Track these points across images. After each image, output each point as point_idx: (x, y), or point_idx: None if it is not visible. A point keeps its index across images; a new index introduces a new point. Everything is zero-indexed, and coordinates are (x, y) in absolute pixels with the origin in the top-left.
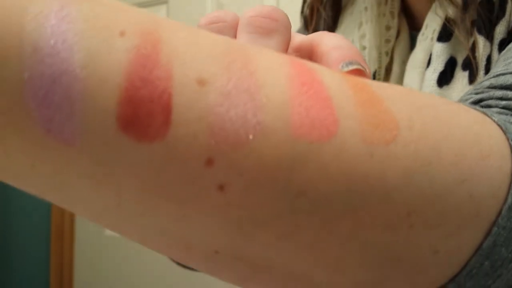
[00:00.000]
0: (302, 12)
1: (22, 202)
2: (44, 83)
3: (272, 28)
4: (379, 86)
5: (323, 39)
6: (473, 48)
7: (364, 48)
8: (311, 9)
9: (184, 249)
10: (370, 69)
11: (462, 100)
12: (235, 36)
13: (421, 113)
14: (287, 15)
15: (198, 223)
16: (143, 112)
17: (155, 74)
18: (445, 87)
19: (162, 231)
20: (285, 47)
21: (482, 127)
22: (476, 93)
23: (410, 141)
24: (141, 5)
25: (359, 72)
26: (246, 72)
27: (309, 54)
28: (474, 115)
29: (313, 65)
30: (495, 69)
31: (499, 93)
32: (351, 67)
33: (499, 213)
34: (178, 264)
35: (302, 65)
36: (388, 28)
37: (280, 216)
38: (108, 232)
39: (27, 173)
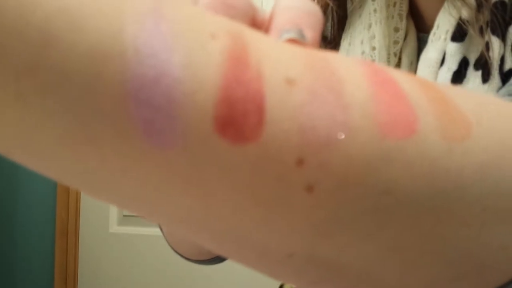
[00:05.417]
0: None
1: (27, 198)
2: (146, 85)
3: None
4: (442, 85)
5: (279, 1)
6: (487, 48)
7: (374, 48)
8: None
9: (257, 253)
10: (318, 34)
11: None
12: None
13: (486, 109)
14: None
15: (280, 226)
16: (239, 113)
17: (247, 75)
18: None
19: (240, 236)
20: None
21: None
22: (509, 94)
23: (482, 136)
24: None
25: (295, 42)
26: (328, 71)
27: None
28: None
29: (379, 64)
30: None
31: None
32: (286, 36)
33: None
34: (183, 257)
35: (371, 64)
36: (396, 29)
37: (363, 216)
38: (112, 228)
39: (116, 179)
